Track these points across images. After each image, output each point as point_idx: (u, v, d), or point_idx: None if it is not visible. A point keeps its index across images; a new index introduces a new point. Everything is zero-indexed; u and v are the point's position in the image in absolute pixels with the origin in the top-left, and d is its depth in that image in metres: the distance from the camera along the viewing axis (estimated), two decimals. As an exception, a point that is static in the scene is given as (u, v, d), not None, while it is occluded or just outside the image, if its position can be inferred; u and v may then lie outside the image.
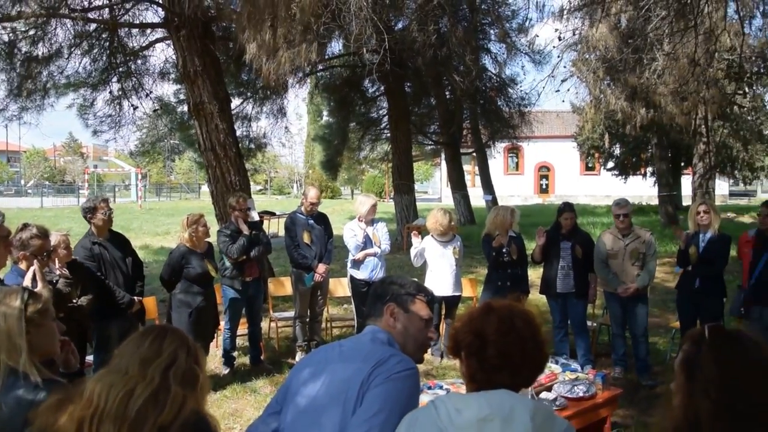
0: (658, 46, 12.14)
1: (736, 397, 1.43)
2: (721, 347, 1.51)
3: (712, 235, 6.08)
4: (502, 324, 1.81)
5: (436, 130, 23.67)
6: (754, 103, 21.67)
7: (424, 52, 12.96)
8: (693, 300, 6.19)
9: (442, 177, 38.09)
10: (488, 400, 1.72)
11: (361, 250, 7.06)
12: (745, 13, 13.12)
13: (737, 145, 24.85)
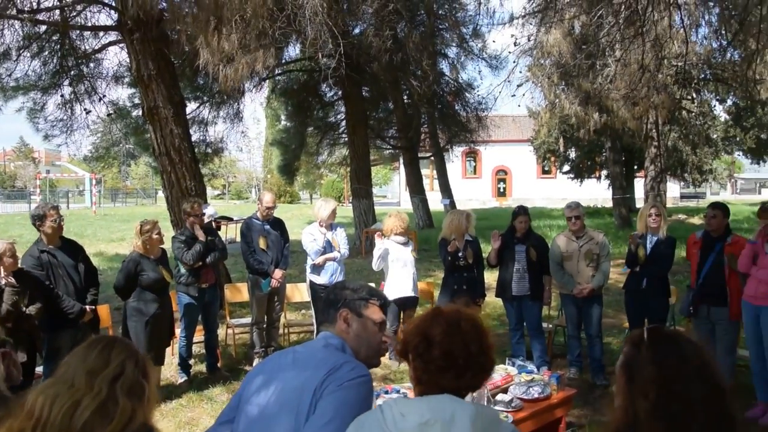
0: (610, 52, 12.41)
1: (673, 396, 1.47)
2: (659, 349, 1.55)
3: (660, 237, 6.26)
4: (449, 326, 1.83)
5: (394, 135, 23.76)
6: (701, 108, 22.31)
7: (379, 57, 13.00)
8: (640, 300, 6.34)
9: (401, 181, 38.22)
10: (430, 405, 1.73)
11: (321, 255, 7.04)
12: (691, 21, 13.51)
13: (686, 148, 25.53)
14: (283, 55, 16.39)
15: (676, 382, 1.48)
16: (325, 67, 9.34)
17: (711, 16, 13.53)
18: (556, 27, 13.25)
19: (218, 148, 18.82)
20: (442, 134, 24.20)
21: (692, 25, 14.18)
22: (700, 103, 21.72)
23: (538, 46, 14.48)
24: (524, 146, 34.16)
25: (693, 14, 13.53)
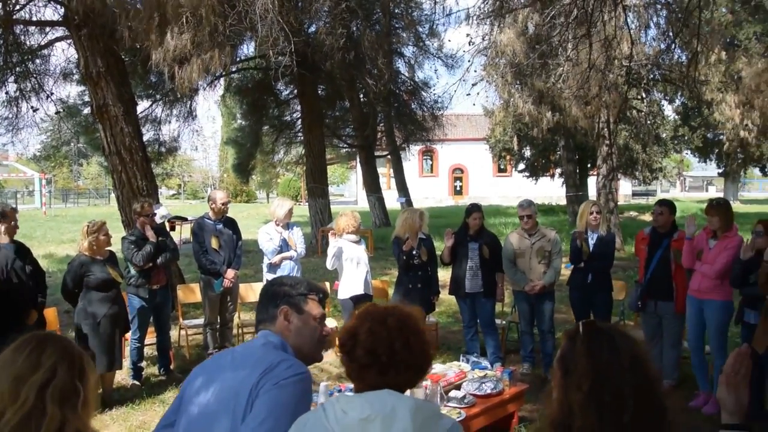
0: (562, 52, 12.60)
1: (605, 388, 1.50)
2: (593, 342, 1.57)
3: (601, 233, 6.42)
4: (374, 324, 1.83)
5: (350, 133, 23.76)
6: (651, 108, 22.83)
7: (332, 55, 12.97)
8: (586, 295, 6.47)
9: (358, 180, 38.22)
10: (370, 400, 1.74)
11: (277, 254, 7.01)
12: (640, 23, 13.81)
13: (637, 147, 26.10)
14: (238, 52, 16.23)
15: (609, 374, 1.50)
16: (277, 66, 9.23)
17: (659, 18, 13.87)
18: (510, 27, 13.43)
19: (172, 147, 18.53)
20: (399, 133, 24.28)
21: (641, 26, 14.52)
22: (649, 102, 22.22)
23: (493, 46, 14.64)
24: (480, 145, 34.48)
25: (642, 16, 13.85)
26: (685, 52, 14.14)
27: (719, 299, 5.50)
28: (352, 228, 6.93)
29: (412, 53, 21.30)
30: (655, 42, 14.51)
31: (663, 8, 12.95)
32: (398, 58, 21.05)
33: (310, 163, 16.93)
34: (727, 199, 5.98)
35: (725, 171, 37.45)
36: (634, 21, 14.42)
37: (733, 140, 18.44)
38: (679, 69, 14.41)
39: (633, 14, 13.92)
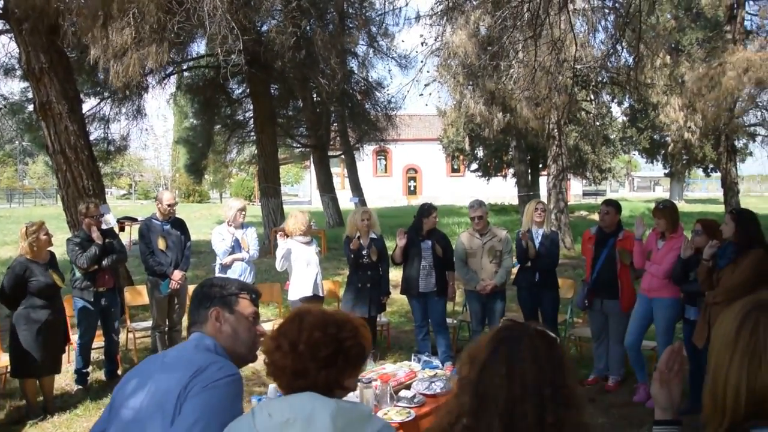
0: (513, 53, 12.76)
1: (513, 387, 1.50)
2: (506, 342, 1.58)
3: (545, 231, 6.54)
4: (288, 327, 1.85)
5: (304, 133, 23.62)
6: (599, 109, 23.31)
7: (282, 54, 12.86)
8: (534, 294, 6.58)
9: (312, 180, 38.02)
10: (290, 403, 1.74)
11: (229, 255, 6.93)
12: (588, 26, 14.09)
13: (587, 148, 26.62)
14: (188, 50, 15.98)
15: (519, 374, 1.51)
16: (225, 64, 9.08)
17: (606, 21, 14.16)
18: (462, 28, 13.54)
19: (121, 146, 18.13)
20: (353, 133, 24.25)
21: (589, 29, 14.82)
22: (598, 104, 22.68)
23: (445, 47, 14.74)
24: (434, 145, 34.66)
25: (590, 19, 14.12)
26: (631, 56, 14.46)
27: (668, 296, 5.67)
28: (301, 229, 6.86)
29: (365, 53, 21.34)
30: (603, 45, 14.80)
31: (610, 12, 13.22)
32: (352, 58, 21.02)
33: (263, 162, 16.77)
34: (673, 201, 6.15)
35: (671, 171, 38.53)
36: (582, 24, 14.73)
37: (678, 142, 18.98)
38: (626, 72, 14.74)
39: (581, 18, 14.21)
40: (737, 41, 16.16)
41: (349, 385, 1.88)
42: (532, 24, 8.22)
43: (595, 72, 16.24)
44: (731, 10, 16.68)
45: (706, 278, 5.05)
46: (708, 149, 26.06)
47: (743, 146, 26.62)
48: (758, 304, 1.50)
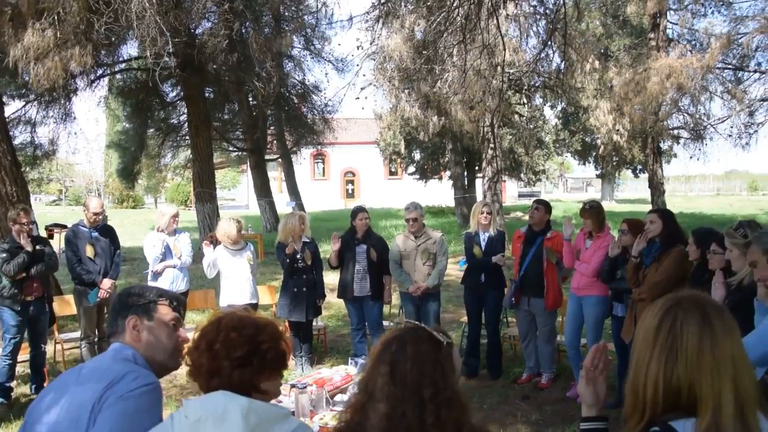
0: (448, 57, 12.92)
1: (398, 388, 1.57)
2: (393, 343, 1.66)
3: (491, 233, 6.61)
4: (208, 328, 1.87)
5: (240, 137, 23.33)
6: (533, 113, 23.85)
7: (215, 57, 12.68)
8: (479, 294, 6.65)
9: (249, 184, 37.59)
10: (203, 402, 1.75)
11: (161, 262, 6.76)
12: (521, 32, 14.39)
13: (521, 150, 27.17)
14: (119, 52, 15.58)
15: (400, 375, 1.58)
16: (156, 67, 8.87)
17: (538, 27, 14.51)
18: (397, 32, 13.63)
19: (49, 150, 17.47)
20: (290, 136, 24.11)
21: (522, 35, 15.14)
22: (531, 108, 23.19)
23: (381, 50, 14.81)
24: (371, 148, 34.75)
25: (522, 25, 14.43)
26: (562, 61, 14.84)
27: (596, 295, 5.84)
28: (230, 236, 6.73)
29: (302, 56, 21.26)
30: (535, 50, 15.16)
31: (541, 18, 13.55)
32: (288, 61, 20.90)
33: (198, 167, 16.45)
34: (600, 201, 6.34)
35: (602, 173, 39.70)
36: (515, 30, 15.05)
37: (608, 144, 19.58)
38: (556, 76, 15.13)
39: (514, 23, 14.51)
40: (660, 48, 16.78)
41: (267, 389, 1.86)
42: (464, 28, 8.34)
43: (528, 76, 16.63)
44: (655, 19, 17.31)
45: (632, 275, 5.22)
46: (636, 151, 26.98)
47: (668, 148, 27.62)
48: (677, 301, 1.58)
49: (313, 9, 18.07)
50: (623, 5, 20.02)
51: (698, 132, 19.95)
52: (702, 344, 1.50)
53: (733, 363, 1.49)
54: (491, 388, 6.32)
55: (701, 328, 1.52)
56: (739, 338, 1.53)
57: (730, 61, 17.27)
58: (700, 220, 21.43)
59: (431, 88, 14.63)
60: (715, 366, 1.48)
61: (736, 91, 17.05)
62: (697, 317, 1.53)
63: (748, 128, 17.65)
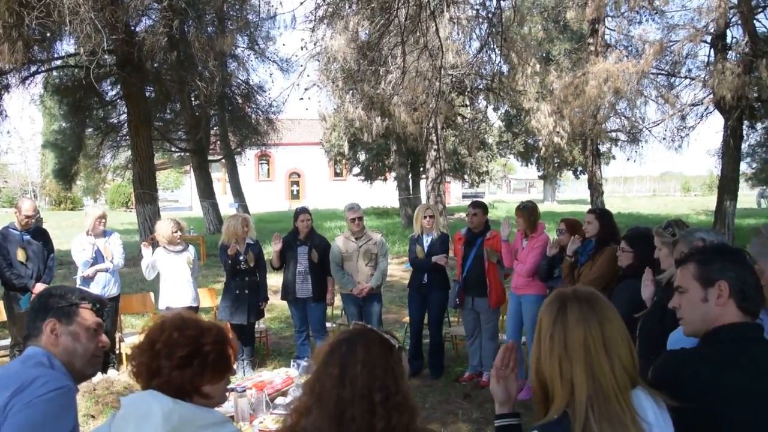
0: (391, 59, 12.98)
1: (351, 390, 1.55)
2: (343, 345, 1.63)
3: (434, 236, 6.67)
4: (152, 329, 1.85)
5: (182, 137, 22.93)
6: (476, 114, 24.16)
7: (154, 55, 12.43)
8: (423, 294, 6.70)
9: (192, 185, 36.97)
10: (131, 400, 1.75)
11: (91, 266, 6.56)
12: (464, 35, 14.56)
13: (464, 152, 27.50)
14: (54, 48, 15.12)
15: (350, 378, 1.56)
16: (91, 64, 8.60)
17: (481, 31, 14.71)
18: (342, 33, 13.63)
19: (-24, 150, 16.83)
20: (233, 137, 23.84)
21: (465, 37, 15.33)
22: (475, 110, 23.49)
23: (325, 51, 14.80)
24: (316, 149, 34.62)
25: (465, 28, 14.60)
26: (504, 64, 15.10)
27: (533, 293, 5.98)
28: (169, 237, 6.59)
29: (246, 56, 21.05)
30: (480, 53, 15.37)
31: (483, 21, 13.74)
32: (231, 61, 20.66)
33: (138, 167, 16.07)
34: (534, 202, 6.46)
35: (544, 174, 40.51)
36: (458, 33, 15.22)
37: (549, 146, 19.95)
38: (499, 79, 15.38)
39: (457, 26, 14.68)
40: (599, 53, 17.22)
41: (210, 393, 1.84)
42: (407, 30, 8.40)
43: (470, 78, 16.85)
44: (593, 25, 17.75)
45: (568, 274, 5.35)
46: (576, 153, 27.64)
47: (607, 150, 28.40)
48: (570, 296, 1.65)
49: (257, 8, 17.93)
50: (563, 11, 20.46)
51: (634, 135, 20.59)
52: (553, 335, 1.62)
53: (586, 350, 1.59)
54: (433, 387, 6.38)
55: (554, 320, 1.64)
56: (599, 328, 1.61)
57: (663, 67, 17.83)
58: (637, 219, 22.08)
59: (375, 90, 14.69)
60: (565, 354, 1.59)
61: (669, 95, 17.63)
62: (553, 311, 1.66)
63: (680, 131, 18.28)
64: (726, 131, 16.38)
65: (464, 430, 5.43)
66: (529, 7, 21.02)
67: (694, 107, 17.77)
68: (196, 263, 6.83)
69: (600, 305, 1.67)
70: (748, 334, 1.90)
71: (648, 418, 1.60)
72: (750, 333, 1.90)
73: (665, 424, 1.65)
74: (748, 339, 1.89)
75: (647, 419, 1.60)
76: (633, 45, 19.72)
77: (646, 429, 1.58)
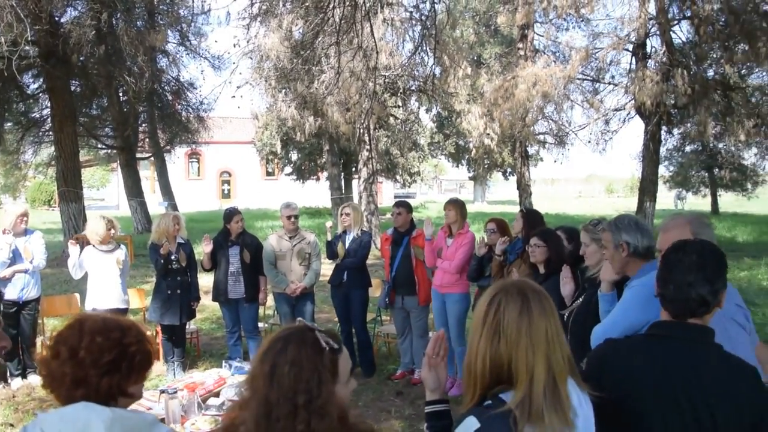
0: (325, 58, 13.00)
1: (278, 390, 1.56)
2: (277, 344, 1.64)
3: (355, 234, 6.74)
4: (68, 334, 1.78)
5: (109, 134, 22.31)
6: (408, 116, 24.41)
7: (80, 48, 12.06)
8: (343, 293, 6.75)
9: (120, 183, 35.96)
10: (62, 415, 1.68)
11: (9, 267, 6.31)
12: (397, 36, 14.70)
13: (396, 152, 27.73)
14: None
15: (278, 378, 1.57)
16: (12, 55, 8.24)
17: (414, 32, 14.88)
18: (275, 31, 13.56)
19: None
20: (163, 134, 23.34)
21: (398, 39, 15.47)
22: (407, 111, 23.73)
23: (258, 49, 14.69)
24: (248, 148, 34.26)
25: (398, 29, 14.74)
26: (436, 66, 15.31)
27: (458, 292, 6.12)
28: (98, 235, 6.40)
29: (177, 52, 20.65)
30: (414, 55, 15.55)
31: (416, 23, 13.91)
32: (162, 56, 20.23)
33: (62, 164, 15.52)
34: (461, 199, 6.63)
35: (474, 175, 41.20)
36: (392, 34, 15.36)
37: (479, 147, 20.34)
38: (431, 81, 15.59)
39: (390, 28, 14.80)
40: (528, 58, 17.70)
41: (134, 392, 1.81)
42: (340, 30, 8.45)
43: (403, 79, 17.02)
44: (523, 30, 18.23)
45: (497, 272, 5.51)
46: (506, 154, 28.24)
47: (535, 152, 29.17)
48: (502, 288, 1.76)
49: (189, 3, 17.60)
50: (494, 15, 20.90)
51: (561, 138, 21.26)
52: (520, 325, 1.70)
53: (546, 341, 1.69)
54: (366, 385, 6.43)
55: (520, 311, 1.71)
56: (554, 319, 1.73)
57: (589, 73, 18.51)
58: (564, 219, 22.77)
59: (308, 89, 14.66)
60: (530, 344, 1.68)
61: (593, 100, 18.31)
62: (518, 302, 1.72)
63: (604, 135, 19.01)
64: (646, 136, 17.14)
65: (397, 426, 5.52)
66: (462, 11, 21.38)
67: (617, 112, 18.53)
68: (126, 263, 6.64)
69: (549, 298, 1.78)
70: (673, 333, 2.03)
71: (573, 404, 1.71)
72: (675, 332, 2.03)
73: (587, 408, 1.77)
74: (671, 337, 2.03)
75: (573, 406, 1.71)
76: (560, 51, 20.39)
77: (571, 415, 1.69)
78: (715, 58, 16.78)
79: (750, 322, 2.54)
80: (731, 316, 2.42)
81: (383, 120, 21.76)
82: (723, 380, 1.92)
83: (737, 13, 14.25)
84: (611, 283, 3.12)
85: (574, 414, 1.70)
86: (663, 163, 26.42)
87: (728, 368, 1.95)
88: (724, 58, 15.82)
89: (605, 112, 18.54)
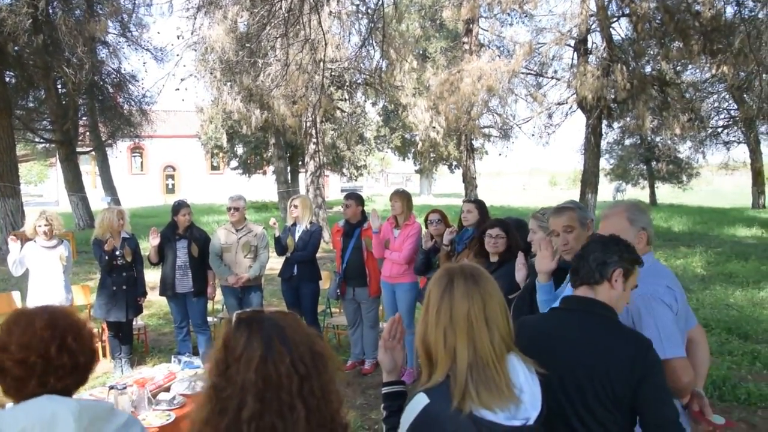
0: (271, 51, 12.91)
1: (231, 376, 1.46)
2: (235, 332, 1.53)
3: (305, 226, 6.75)
4: (15, 330, 1.72)
5: (47, 127, 21.67)
6: (354, 109, 24.41)
7: (15, 37, 11.70)
8: (294, 286, 6.77)
9: (59, 178, 34.94)
10: (26, 410, 1.65)
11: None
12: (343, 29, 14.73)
13: (343, 145, 27.70)
14: None
15: (237, 362, 1.47)
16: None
17: (360, 26, 14.93)
18: (220, 23, 13.40)
19: None
20: (104, 128, 22.82)
21: (344, 32, 15.49)
22: (353, 104, 23.73)
23: (202, 41, 14.49)
24: (193, 142, 33.70)
25: (344, 23, 14.77)
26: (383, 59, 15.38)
27: (407, 282, 6.21)
28: (39, 230, 6.24)
29: (118, 43, 20.20)
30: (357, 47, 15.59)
31: (363, 16, 13.95)
32: (102, 48, 19.76)
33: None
34: (407, 190, 6.71)
35: (420, 168, 41.49)
36: (338, 27, 15.36)
37: (425, 141, 20.51)
38: (378, 74, 15.65)
39: (337, 21, 14.81)
40: (473, 52, 17.91)
41: (81, 383, 1.79)
42: (287, 22, 8.43)
43: (349, 72, 17.03)
44: (468, 24, 18.42)
45: (445, 262, 5.59)
46: (451, 148, 28.52)
47: (480, 145, 29.54)
48: (458, 271, 1.84)
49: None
50: (440, 10, 21.07)
51: (506, 131, 21.61)
52: (441, 306, 1.81)
53: (468, 322, 1.78)
54: (316, 377, 6.45)
55: (441, 294, 1.82)
56: (482, 300, 1.81)
57: (532, 68, 18.85)
58: (509, 212, 23.17)
59: (254, 82, 14.54)
60: (450, 325, 1.78)
61: (537, 94, 18.66)
62: (441, 285, 1.84)
63: (547, 129, 19.42)
64: (588, 129, 17.59)
65: (349, 416, 5.57)
66: (408, 4, 21.49)
67: (560, 106, 18.95)
68: (69, 260, 6.50)
69: (483, 281, 1.85)
70: (568, 305, 2.37)
71: (518, 382, 1.80)
72: (589, 307, 2.30)
73: (534, 384, 1.86)
74: (567, 309, 2.37)
75: (518, 382, 1.80)
76: (505, 45, 20.69)
77: (516, 392, 1.77)
78: (652, 54, 17.34)
79: (679, 303, 2.65)
80: (660, 297, 2.56)
81: (330, 113, 21.74)
82: (610, 344, 2.19)
83: (672, 11, 14.75)
84: (548, 274, 3.16)
85: (520, 390, 1.79)
86: (604, 156, 27.14)
87: (619, 334, 2.23)
88: (661, 55, 16.38)
89: (548, 106, 18.93)
